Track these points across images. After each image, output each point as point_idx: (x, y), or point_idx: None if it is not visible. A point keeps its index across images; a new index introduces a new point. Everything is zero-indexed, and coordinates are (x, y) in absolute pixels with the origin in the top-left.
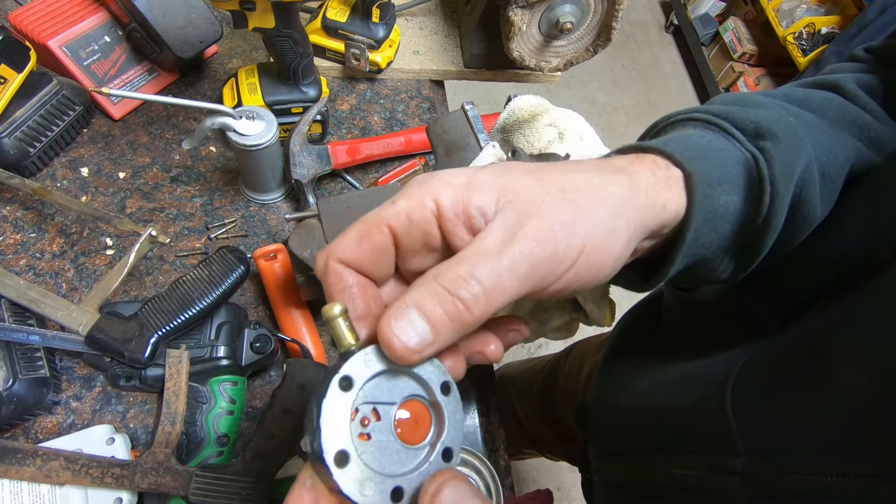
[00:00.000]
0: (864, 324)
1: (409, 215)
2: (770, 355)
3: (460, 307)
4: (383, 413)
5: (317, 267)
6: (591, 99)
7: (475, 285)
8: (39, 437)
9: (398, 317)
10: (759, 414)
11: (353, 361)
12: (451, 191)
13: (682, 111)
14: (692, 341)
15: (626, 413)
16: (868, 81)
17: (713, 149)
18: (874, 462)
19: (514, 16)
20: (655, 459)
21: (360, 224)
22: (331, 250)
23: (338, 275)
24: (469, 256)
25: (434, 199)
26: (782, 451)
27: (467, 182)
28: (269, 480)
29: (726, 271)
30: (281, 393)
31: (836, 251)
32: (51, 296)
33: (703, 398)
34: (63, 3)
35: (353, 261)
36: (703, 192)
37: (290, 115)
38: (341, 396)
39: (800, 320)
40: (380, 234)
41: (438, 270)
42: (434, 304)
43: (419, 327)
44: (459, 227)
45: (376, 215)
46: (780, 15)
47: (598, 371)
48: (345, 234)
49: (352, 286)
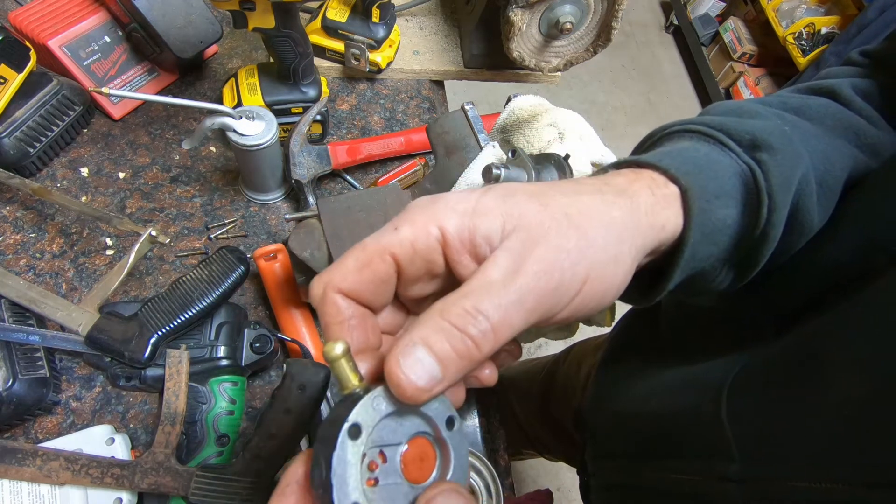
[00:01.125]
0: (859, 330)
1: (414, 244)
2: (766, 361)
3: (469, 344)
4: (389, 455)
5: (312, 295)
6: (591, 99)
7: (483, 321)
8: (39, 437)
9: (406, 355)
10: (754, 420)
11: (360, 408)
12: (456, 218)
13: (676, 122)
14: (689, 345)
15: (623, 417)
16: (864, 86)
17: (709, 161)
18: (868, 469)
19: (514, 16)
20: (651, 464)
21: (360, 251)
22: (329, 279)
23: (336, 306)
24: (475, 289)
25: (439, 227)
26: (777, 457)
27: (472, 209)
28: (269, 480)
29: (725, 282)
30: (281, 393)
31: (833, 257)
32: (51, 296)
33: (699, 403)
34: (63, 3)
35: (352, 291)
36: (700, 206)
37: (290, 115)
38: (351, 446)
39: (796, 326)
40: (382, 263)
41: (444, 305)
42: (442, 341)
43: (428, 365)
44: (464, 256)
45: (377, 242)
46: (780, 15)
47: (596, 374)
48: (342, 260)
49: (350, 318)
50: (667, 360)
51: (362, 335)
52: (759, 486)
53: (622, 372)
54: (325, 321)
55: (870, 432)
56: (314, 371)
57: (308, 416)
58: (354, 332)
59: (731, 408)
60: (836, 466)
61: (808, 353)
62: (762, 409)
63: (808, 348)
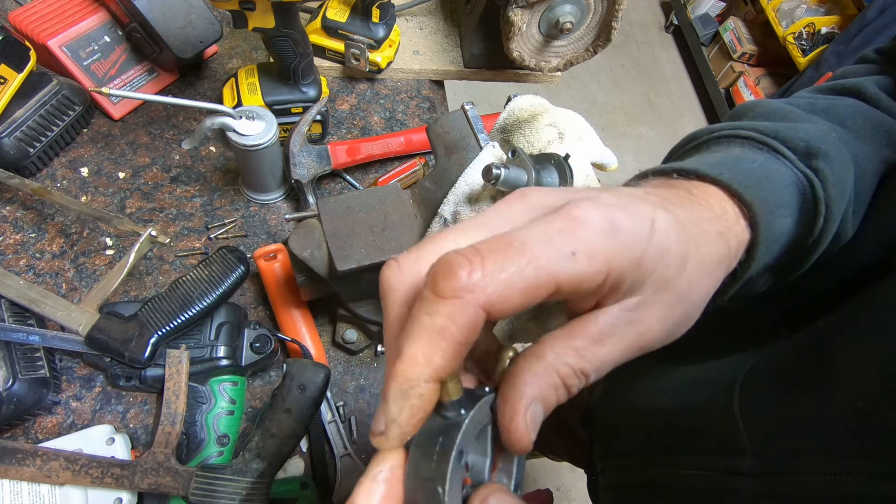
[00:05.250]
0: (872, 325)
1: (582, 283)
2: (779, 356)
3: (565, 396)
4: (476, 472)
5: (452, 283)
6: (591, 99)
7: (583, 380)
8: (39, 437)
9: (533, 419)
10: (767, 414)
11: (465, 433)
12: (627, 264)
13: (725, 126)
14: (700, 344)
15: (633, 414)
16: (885, 84)
17: (766, 171)
18: (881, 462)
19: (514, 16)
20: (662, 460)
21: (528, 266)
22: (483, 284)
23: (467, 321)
24: (587, 348)
25: (608, 270)
26: (790, 451)
27: (639, 259)
28: (269, 480)
29: (765, 286)
30: (281, 393)
31: (850, 253)
32: (51, 296)
33: (711, 399)
34: (63, 3)
35: (500, 312)
36: (766, 220)
37: (290, 115)
38: (457, 469)
39: (809, 323)
40: (545, 292)
41: (557, 358)
42: (552, 396)
43: (539, 418)
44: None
45: (550, 265)
46: (779, 15)
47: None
48: (500, 262)
49: (462, 345)
50: (678, 358)
51: (457, 364)
52: (771, 480)
53: (632, 370)
54: (441, 326)
55: (882, 425)
56: (314, 371)
57: (308, 416)
58: (455, 361)
59: (744, 402)
60: (849, 459)
61: (821, 348)
62: (775, 404)
63: (821, 343)
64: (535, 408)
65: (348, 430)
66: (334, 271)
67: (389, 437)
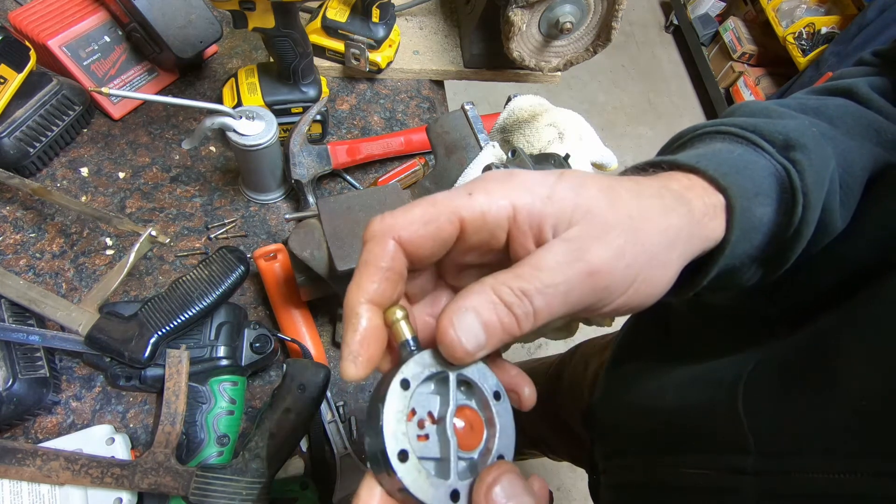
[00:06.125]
0: (873, 323)
1: (485, 214)
2: (781, 356)
3: (512, 320)
4: (439, 416)
5: (370, 230)
6: (591, 99)
7: (527, 304)
8: (39, 437)
9: (459, 319)
10: (771, 413)
11: (409, 365)
12: (531, 201)
13: (707, 124)
14: (702, 343)
15: (635, 413)
16: (879, 85)
17: (745, 162)
18: (884, 460)
19: (514, 16)
20: (664, 459)
21: (430, 206)
22: (393, 222)
23: (385, 250)
24: (528, 273)
25: (513, 204)
26: (792, 449)
27: (548, 195)
28: (269, 480)
29: (752, 279)
30: (281, 393)
31: (847, 253)
32: (51, 296)
33: (713, 398)
34: (63, 3)
35: (410, 241)
36: (741, 205)
37: (290, 115)
38: (401, 396)
39: (810, 321)
40: (449, 224)
41: (496, 282)
42: (490, 312)
43: (476, 331)
44: (528, 237)
45: (449, 202)
46: (779, 15)
47: (605, 372)
48: (409, 209)
49: (388, 269)
50: (679, 358)
51: (390, 290)
52: (774, 478)
53: (633, 369)
54: (365, 258)
55: (884, 423)
56: (314, 371)
57: (308, 415)
58: (384, 284)
59: (747, 402)
60: (851, 458)
61: (823, 348)
62: (778, 403)
63: (822, 343)
64: (468, 316)
65: (348, 430)
66: (334, 271)
67: (344, 359)
